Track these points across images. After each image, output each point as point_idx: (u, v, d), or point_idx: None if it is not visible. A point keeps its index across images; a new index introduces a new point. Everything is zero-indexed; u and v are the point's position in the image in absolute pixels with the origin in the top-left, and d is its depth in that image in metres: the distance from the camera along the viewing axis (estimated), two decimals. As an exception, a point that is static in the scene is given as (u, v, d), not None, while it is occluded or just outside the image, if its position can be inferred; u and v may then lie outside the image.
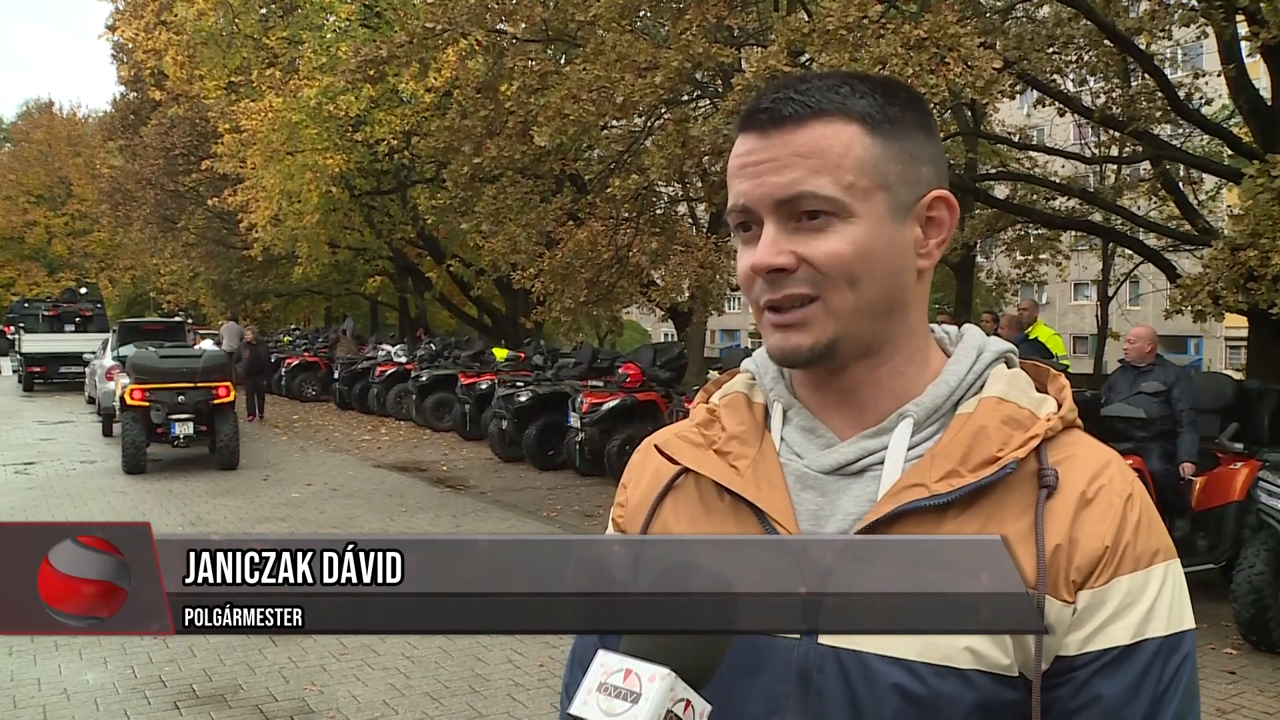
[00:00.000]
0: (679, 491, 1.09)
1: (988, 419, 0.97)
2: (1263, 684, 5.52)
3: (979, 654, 0.91)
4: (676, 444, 1.09)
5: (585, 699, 0.83)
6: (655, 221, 12.33)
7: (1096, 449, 0.99)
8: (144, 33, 21.74)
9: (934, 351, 1.05)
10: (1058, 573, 0.92)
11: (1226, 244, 7.72)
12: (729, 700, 0.95)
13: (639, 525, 1.09)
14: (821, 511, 0.99)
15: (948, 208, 1.01)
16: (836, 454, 1.00)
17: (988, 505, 0.95)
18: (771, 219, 0.97)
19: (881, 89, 1.00)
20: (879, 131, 0.97)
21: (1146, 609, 0.92)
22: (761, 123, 0.98)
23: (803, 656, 0.96)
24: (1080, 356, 34.10)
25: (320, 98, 15.79)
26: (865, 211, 0.96)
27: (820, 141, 0.96)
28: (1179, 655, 0.93)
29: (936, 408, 1.00)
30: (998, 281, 20.46)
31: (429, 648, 5.98)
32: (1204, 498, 6.97)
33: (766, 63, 7.87)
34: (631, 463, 1.18)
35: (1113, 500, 0.94)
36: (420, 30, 10.94)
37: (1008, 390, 1.00)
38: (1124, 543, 0.93)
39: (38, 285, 46.66)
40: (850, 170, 0.95)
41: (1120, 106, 10.25)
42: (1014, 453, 0.94)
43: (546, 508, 10.46)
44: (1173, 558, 0.96)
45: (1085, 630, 0.92)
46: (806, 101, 0.96)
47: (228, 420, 12.75)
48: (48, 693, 5.30)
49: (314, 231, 19.04)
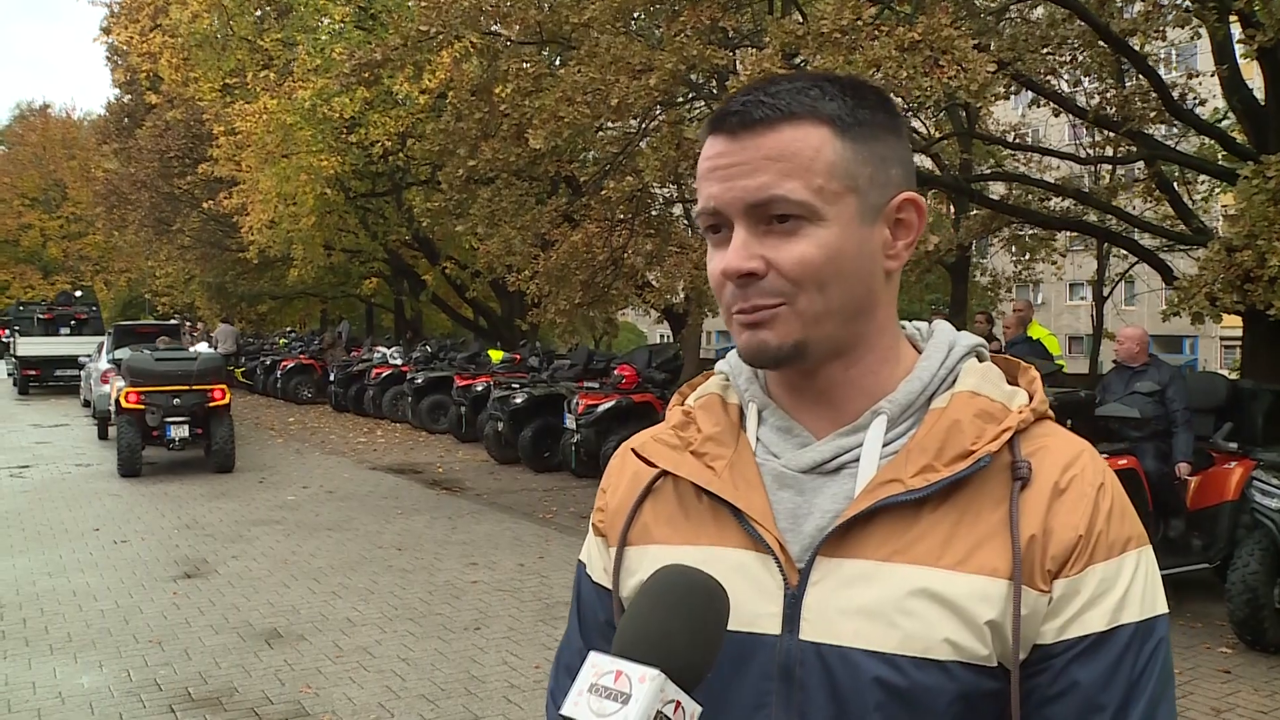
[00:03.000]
0: (658, 494, 1.09)
1: (961, 413, 0.98)
2: (1257, 683, 5.53)
3: (958, 645, 0.92)
4: (653, 447, 1.10)
5: (576, 700, 0.84)
6: (650, 223, 12.31)
7: (1068, 439, 1.00)
8: (139, 36, 21.70)
9: (905, 348, 1.06)
10: (1033, 563, 0.94)
11: (1222, 245, 7.73)
12: (714, 696, 0.96)
13: (619, 529, 1.10)
14: (799, 510, 1.00)
15: (916, 209, 1.02)
16: (812, 453, 1.01)
17: (963, 498, 0.96)
18: (742, 222, 0.97)
19: (852, 91, 1.00)
20: (849, 134, 0.98)
21: (1120, 596, 0.94)
22: (731, 125, 0.98)
23: (785, 652, 0.97)
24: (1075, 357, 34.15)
25: (315, 100, 15.77)
26: (835, 215, 0.96)
27: (790, 145, 0.96)
28: (1153, 640, 0.95)
29: (910, 404, 1.01)
30: (993, 280, 20.46)
31: (425, 650, 5.98)
32: (1198, 497, 6.98)
33: (761, 65, 7.88)
34: (610, 467, 1.18)
35: (1085, 490, 0.96)
36: (414, 33, 10.93)
37: (980, 384, 1.01)
38: (1097, 531, 0.94)
39: (33, 288, 46.58)
40: (820, 174, 0.96)
41: (1114, 107, 10.26)
42: (987, 446, 0.96)
43: (542, 509, 10.46)
44: (1145, 545, 0.98)
45: (1061, 618, 0.93)
46: (777, 104, 0.97)
47: (223, 423, 12.74)
48: (42, 696, 5.29)
49: (309, 234, 19.02)
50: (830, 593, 0.96)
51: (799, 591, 0.97)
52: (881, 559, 0.95)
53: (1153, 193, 12.81)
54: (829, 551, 0.97)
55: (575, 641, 1.14)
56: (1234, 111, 10.09)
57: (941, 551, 0.94)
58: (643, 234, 12.02)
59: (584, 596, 1.16)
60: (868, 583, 0.95)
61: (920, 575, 0.94)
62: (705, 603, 0.90)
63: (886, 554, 0.95)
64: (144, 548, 8.69)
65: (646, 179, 10.15)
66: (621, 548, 1.09)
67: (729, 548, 1.01)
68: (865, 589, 0.95)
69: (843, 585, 0.96)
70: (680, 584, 0.91)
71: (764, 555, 0.99)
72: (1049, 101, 10.63)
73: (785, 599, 0.97)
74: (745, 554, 1.00)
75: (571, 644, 1.15)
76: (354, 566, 8.00)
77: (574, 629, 1.16)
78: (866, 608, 0.94)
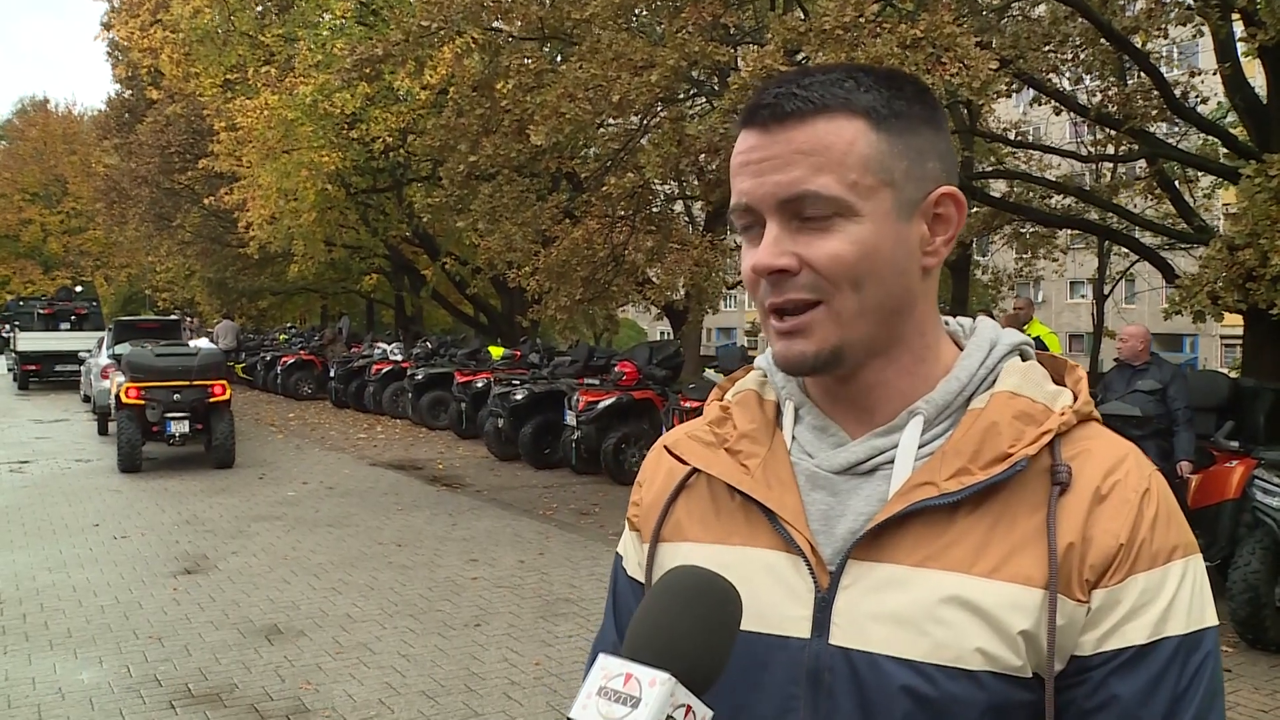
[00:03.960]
0: (691, 491, 1.08)
1: (999, 414, 0.95)
2: (1258, 682, 5.53)
3: (990, 655, 0.89)
4: (686, 444, 1.08)
5: (585, 703, 0.83)
6: (651, 220, 12.30)
7: (1113, 442, 0.97)
8: (140, 31, 21.69)
9: (945, 346, 1.02)
10: (1070, 571, 0.90)
11: (1224, 243, 7.72)
12: (740, 701, 0.95)
13: (652, 525, 1.09)
14: (832, 511, 0.98)
15: (956, 205, 0.99)
16: (847, 453, 0.99)
17: (999, 503, 0.93)
18: (774, 218, 0.94)
19: (887, 82, 0.97)
20: (884, 127, 0.94)
21: (1164, 607, 0.90)
22: (763, 119, 0.95)
23: (813, 657, 0.95)
24: (1076, 355, 34.13)
25: (316, 95, 15.74)
26: (870, 210, 0.93)
27: (823, 138, 0.93)
28: (1199, 654, 0.91)
29: (948, 404, 0.98)
30: (994, 278, 20.46)
31: (425, 646, 5.98)
32: (1200, 496, 6.99)
33: (763, 62, 7.87)
34: (646, 461, 1.17)
35: (1128, 496, 0.92)
36: (416, 28, 10.91)
37: (1021, 384, 0.98)
38: (1140, 539, 0.91)
39: (33, 283, 46.61)
40: (854, 168, 0.93)
41: (1116, 105, 10.26)
42: (1025, 449, 0.93)
43: (542, 506, 10.46)
44: (1193, 553, 0.94)
45: (1100, 630, 0.90)
46: (809, 97, 0.94)
47: (223, 418, 12.74)
48: (42, 692, 5.29)
49: (310, 229, 19.01)
50: (861, 597, 0.94)
51: (829, 595, 0.95)
52: (914, 564, 0.93)
53: (1154, 191, 12.81)
54: (861, 555, 0.94)
55: (610, 635, 1.13)
56: (1236, 109, 10.08)
57: (975, 558, 0.91)
58: (644, 230, 12.01)
59: (619, 590, 1.15)
60: (899, 588, 0.92)
61: (953, 582, 0.91)
62: (717, 605, 0.88)
63: (919, 559, 0.93)
64: (144, 543, 8.69)
65: (648, 175, 10.14)
66: (655, 544, 1.08)
67: (760, 548, 0.99)
68: (897, 594, 0.92)
69: (874, 590, 0.93)
70: (691, 586, 0.89)
71: (795, 557, 0.97)
72: (1051, 99, 10.62)
73: (815, 602, 0.95)
74: (776, 555, 0.98)
75: (607, 637, 1.14)
76: (354, 563, 8.00)
77: (609, 623, 1.15)
78: (897, 614, 0.92)
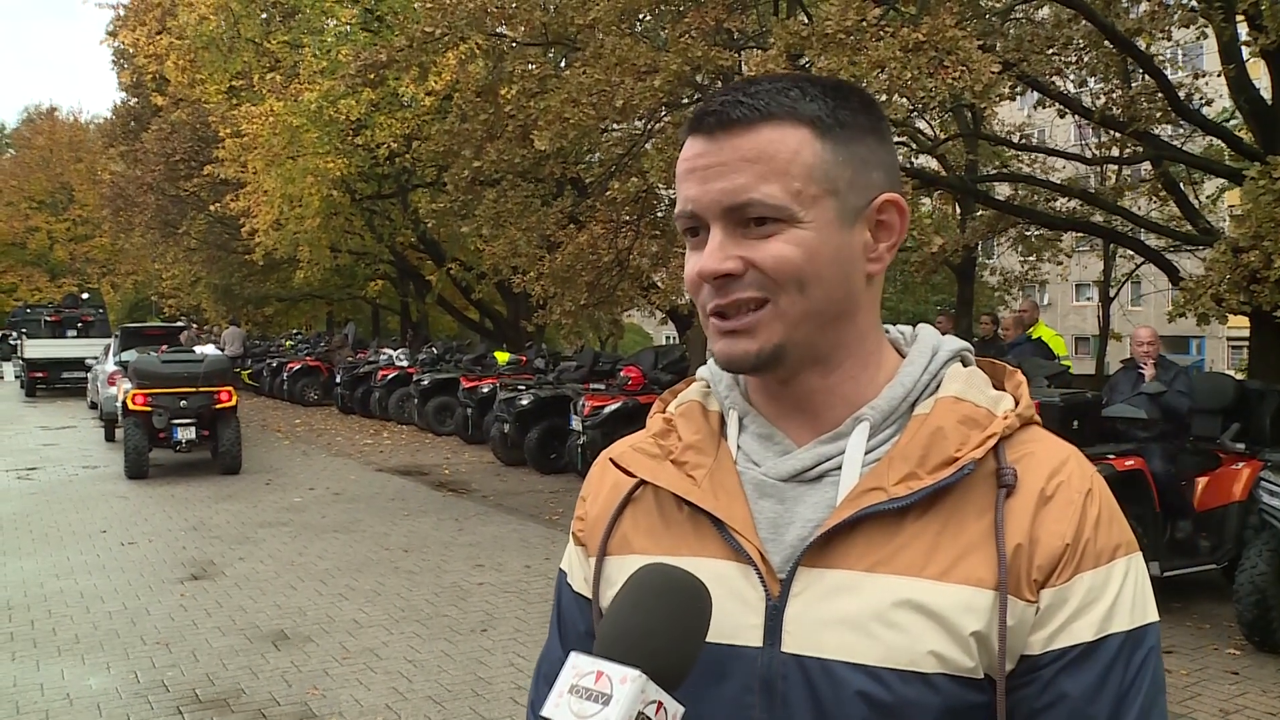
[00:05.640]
0: (638, 504, 1.08)
1: (944, 419, 0.96)
2: (1266, 685, 5.52)
3: (943, 657, 0.90)
4: (631, 456, 1.09)
5: (557, 701, 0.84)
6: (656, 224, 12.31)
7: (1055, 445, 0.98)
8: (146, 39, 21.76)
9: (888, 353, 1.04)
10: (1019, 572, 0.91)
11: (1229, 245, 7.70)
12: (697, 712, 0.94)
13: (598, 539, 1.08)
14: (780, 519, 0.98)
15: (898, 211, 1.00)
16: (793, 460, 0.99)
17: (947, 507, 0.94)
18: (719, 224, 0.95)
19: (833, 92, 0.98)
20: (829, 136, 0.95)
21: (1109, 604, 0.92)
22: (710, 126, 0.96)
23: (766, 665, 0.95)
24: (1082, 357, 34.05)
25: (321, 102, 15.77)
26: (813, 218, 0.94)
27: (768, 146, 0.94)
28: (1143, 650, 0.93)
29: (892, 410, 0.99)
30: (1003, 280, 20.43)
31: (432, 651, 5.99)
32: (1206, 498, 6.97)
33: (766, 66, 7.88)
34: (590, 475, 1.17)
35: (1072, 497, 0.94)
36: (420, 34, 10.95)
37: (964, 389, 0.98)
38: (1084, 539, 0.92)
39: (40, 291, 46.65)
40: (798, 176, 0.94)
41: (1120, 107, 10.24)
42: (972, 453, 0.94)
43: (549, 511, 10.46)
44: (1134, 551, 0.96)
45: (1048, 629, 0.91)
46: (756, 105, 0.95)
47: (230, 425, 12.77)
48: (50, 698, 5.31)
49: (315, 235, 19.03)
50: (812, 604, 0.94)
51: (780, 603, 0.95)
52: (865, 569, 0.93)
53: (1159, 193, 12.78)
54: (811, 562, 0.95)
55: (555, 651, 1.12)
56: (1240, 111, 10.07)
57: (925, 561, 0.92)
58: (648, 235, 12.02)
59: (564, 606, 1.14)
60: (851, 594, 0.93)
61: (904, 586, 0.92)
62: (687, 602, 0.89)
63: (870, 564, 0.93)
64: (151, 549, 8.71)
65: (652, 180, 10.14)
66: (601, 558, 1.07)
67: (709, 558, 0.98)
68: (848, 600, 0.93)
69: (825, 596, 0.94)
70: (661, 583, 0.90)
71: (745, 566, 0.97)
72: (1055, 102, 10.62)
73: (767, 610, 0.95)
74: (726, 564, 0.98)
75: (551, 653, 1.13)
76: (361, 568, 8.01)
77: (554, 639, 1.14)
78: (849, 619, 0.92)
